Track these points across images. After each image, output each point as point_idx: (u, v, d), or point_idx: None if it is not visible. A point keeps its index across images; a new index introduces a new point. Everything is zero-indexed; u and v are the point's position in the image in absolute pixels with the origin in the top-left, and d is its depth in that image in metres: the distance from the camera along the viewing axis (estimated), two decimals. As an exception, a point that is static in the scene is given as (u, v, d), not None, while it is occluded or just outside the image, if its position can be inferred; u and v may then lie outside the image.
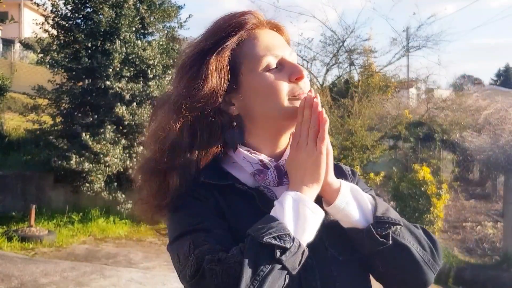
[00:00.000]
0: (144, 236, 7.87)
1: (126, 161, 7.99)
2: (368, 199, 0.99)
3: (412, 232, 1.00)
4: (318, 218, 0.92)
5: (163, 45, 8.72)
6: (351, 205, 0.97)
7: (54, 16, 8.38)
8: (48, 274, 5.49)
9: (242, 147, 1.01)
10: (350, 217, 0.96)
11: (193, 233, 0.91)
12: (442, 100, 12.45)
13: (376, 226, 0.95)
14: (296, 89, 0.99)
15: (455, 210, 11.36)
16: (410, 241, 0.98)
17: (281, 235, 0.84)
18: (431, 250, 1.00)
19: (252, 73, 0.99)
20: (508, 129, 10.10)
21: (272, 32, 1.05)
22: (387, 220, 0.95)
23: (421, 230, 1.03)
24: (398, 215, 0.99)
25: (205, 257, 0.85)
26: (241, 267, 0.81)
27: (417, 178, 9.20)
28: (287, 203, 0.90)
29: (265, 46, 1.00)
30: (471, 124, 11.55)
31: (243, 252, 0.84)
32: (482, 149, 9.99)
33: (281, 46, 1.02)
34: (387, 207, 0.99)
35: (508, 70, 36.71)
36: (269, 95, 0.98)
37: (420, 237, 1.00)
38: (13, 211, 7.94)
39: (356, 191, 0.99)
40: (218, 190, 0.98)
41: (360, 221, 0.96)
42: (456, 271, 8.37)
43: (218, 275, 0.82)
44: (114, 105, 7.88)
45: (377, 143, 10.55)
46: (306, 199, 0.91)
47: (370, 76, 11.66)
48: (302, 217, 0.89)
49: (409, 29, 12.67)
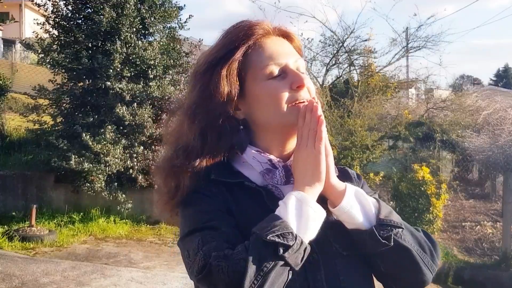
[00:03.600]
0: (145, 236, 7.89)
1: (127, 161, 8.01)
2: (372, 202, 1.03)
3: (413, 234, 1.05)
4: (320, 217, 0.96)
5: (164, 46, 8.75)
6: (355, 208, 1.01)
7: (54, 17, 8.40)
8: (49, 273, 5.51)
9: (252, 148, 1.06)
10: (354, 219, 1.01)
11: (203, 231, 0.96)
12: (441, 100, 12.44)
13: (378, 228, 0.99)
14: (296, 97, 1.03)
15: (454, 210, 11.38)
16: (411, 243, 1.02)
17: (284, 233, 0.89)
18: (430, 252, 1.04)
19: (256, 81, 1.04)
20: (507, 129, 10.11)
21: (279, 40, 1.09)
22: (390, 223, 1.00)
23: (422, 232, 1.08)
24: (400, 218, 1.03)
25: (212, 254, 0.89)
26: (245, 264, 0.86)
27: (417, 178, 9.22)
28: (290, 202, 0.94)
29: (268, 55, 1.04)
30: (470, 124, 11.56)
31: (248, 249, 0.88)
32: (481, 149, 10.00)
33: (285, 54, 1.06)
34: (390, 210, 1.03)
35: (507, 70, 36.72)
36: (269, 103, 1.03)
37: (421, 239, 1.05)
38: (13, 211, 7.96)
39: (360, 194, 1.03)
40: (228, 187, 1.03)
41: (363, 223, 1.00)
42: (455, 271, 8.39)
43: (224, 271, 0.87)
44: (114, 105, 7.90)
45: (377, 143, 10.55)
46: (308, 199, 0.95)
47: (370, 77, 11.67)
48: (304, 216, 0.93)
49: (408, 29, 12.67)
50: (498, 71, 38.47)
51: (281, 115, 1.02)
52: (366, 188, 1.16)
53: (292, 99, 1.03)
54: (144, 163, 8.24)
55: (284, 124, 1.03)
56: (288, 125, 1.03)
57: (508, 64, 37.45)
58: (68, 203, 8.21)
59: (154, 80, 8.40)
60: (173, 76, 8.82)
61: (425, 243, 1.05)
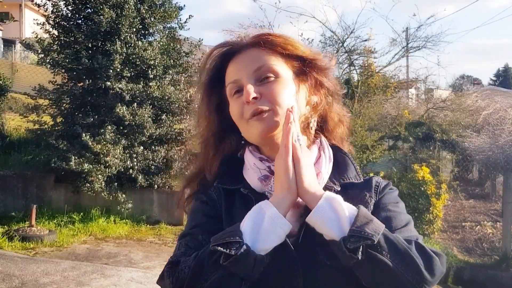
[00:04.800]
0: (145, 236, 7.89)
1: (127, 161, 8.01)
2: (349, 211, 0.94)
3: (396, 247, 0.92)
4: (277, 228, 0.92)
5: (164, 46, 8.75)
6: (327, 217, 0.93)
7: (54, 17, 8.40)
8: (49, 273, 5.51)
9: (256, 155, 1.09)
10: (324, 229, 0.94)
11: (184, 237, 1.01)
12: (441, 100, 12.45)
13: (347, 239, 0.90)
14: (252, 111, 1.03)
15: (454, 210, 11.38)
16: (391, 257, 0.91)
17: (229, 242, 0.88)
18: (416, 266, 0.92)
19: (228, 99, 1.10)
20: (507, 129, 10.11)
21: (246, 53, 1.08)
22: (359, 234, 0.90)
23: (414, 244, 0.95)
24: (381, 229, 0.92)
25: (172, 260, 0.95)
26: (189, 271, 0.89)
27: (417, 178, 9.23)
28: (250, 212, 0.94)
29: (229, 73, 1.09)
30: (470, 124, 11.57)
31: (196, 257, 0.91)
32: (481, 149, 10.00)
33: (239, 70, 1.06)
34: (368, 221, 0.93)
35: (507, 70, 36.74)
36: (236, 121, 1.08)
37: (406, 252, 0.92)
38: (13, 211, 7.96)
39: (336, 203, 0.95)
40: (227, 194, 1.08)
41: (336, 233, 0.92)
42: (455, 271, 8.40)
43: (171, 277, 0.91)
44: (114, 106, 7.90)
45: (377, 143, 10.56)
46: (269, 208, 0.93)
47: (370, 77, 11.67)
48: (258, 225, 0.91)
49: (408, 29, 12.68)
50: (498, 71, 38.50)
51: (247, 130, 1.05)
52: (388, 198, 1.08)
53: (249, 113, 1.03)
54: (144, 163, 8.24)
55: (251, 138, 1.06)
56: (258, 138, 1.04)
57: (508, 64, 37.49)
58: (68, 203, 8.21)
59: (154, 80, 8.40)
60: (173, 76, 8.82)
61: (412, 256, 0.92)
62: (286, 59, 1.07)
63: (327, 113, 1.14)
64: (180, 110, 8.71)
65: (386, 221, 1.00)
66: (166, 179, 8.66)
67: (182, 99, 8.55)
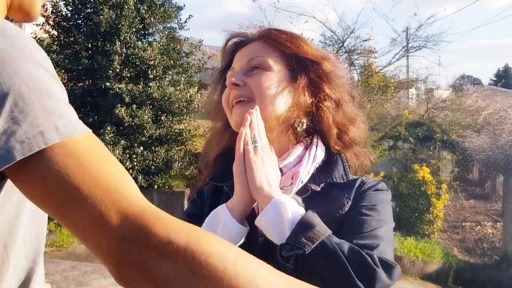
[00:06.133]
0: (145, 236, 7.88)
1: (126, 162, 8.01)
2: (293, 216, 0.91)
3: (333, 256, 0.88)
4: (229, 231, 0.92)
5: (164, 46, 8.74)
6: (270, 220, 0.92)
7: (54, 17, 8.41)
8: (49, 273, 5.50)
9: None
10: (269, 232, 0.92)
11: None
12: (441, 100, 12.43)
13: (283, 247, 0.89)
14: (232, 97, 1.06)
15: (454, 210, 11.37)
16: (324, 267, 0.88)
17: None
18: (351, 278, 0.87)
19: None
20: (508, 129, 10.11)
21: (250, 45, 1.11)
22: (294, 242, 0.88)
23: (365, 254, 0.90)
24: (321, 236, 0.89)
25: None
26: None
27: (417, 178, 9.23)
28: (208, 217, 0.98)
29: (233, 63, 1.12)
30: (470, 124, 11.56)
31: None
32: (481, 149, 10.00)
33: (239, 60, 1.10)
34: (310, 227, 0.89)
35: (507, 70, 36.74)
36: (224, 107, 1.10)
37: (341, 263, 0.88)
38: (13, 211, 7.95)
39: (282, 207, 0.91)
40: (216, 191, 1.11)
41: (276, 238, 0.91)
42: (455, 271, 8.39)
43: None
44: (114, 106, 7.90)
45: (377, 143, 10.55)
46: (223, 213, 0.95)
47: (370, 77, 11.66)
48: (213, 231, 0.91)
49: (409, 29, 12.66)
50: (498, 71, 38.51)
51: (230, 118, 1.08)
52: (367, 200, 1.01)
53: (232, 99, 1.06)
54: (144, 164, 8.24)
55: (233, 125, 1.07)
56: (238, 126, 1.01)
57: (508, 64, 37.48)
58: (68, 203, 8.19)
59: (153, 80, 8.39)
60: (173, 77, 8.81)
61: (347, 267, 0.87)
62: (284, 56, 1.07)
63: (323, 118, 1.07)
64: (180, 111, 8.71)
65: (352, 224, 0.97)
66: (166, 180, 8.65)
67: (182, 99, 8.54)
